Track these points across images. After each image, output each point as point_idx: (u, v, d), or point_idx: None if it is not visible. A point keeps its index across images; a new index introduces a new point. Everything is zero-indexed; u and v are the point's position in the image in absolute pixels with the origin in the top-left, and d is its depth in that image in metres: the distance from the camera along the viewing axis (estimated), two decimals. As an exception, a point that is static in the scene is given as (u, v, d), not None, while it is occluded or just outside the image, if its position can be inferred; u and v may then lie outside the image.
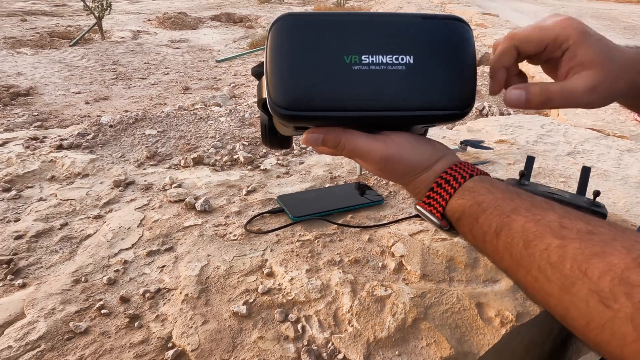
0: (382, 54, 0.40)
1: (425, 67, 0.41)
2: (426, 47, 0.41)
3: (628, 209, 1.03)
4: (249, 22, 7.80)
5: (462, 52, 0.42)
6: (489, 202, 0.38)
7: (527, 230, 0.34)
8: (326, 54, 0.39)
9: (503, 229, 0.36)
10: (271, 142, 0.57)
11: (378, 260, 0.80)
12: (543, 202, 0.37)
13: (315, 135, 0.42)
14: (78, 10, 7.14)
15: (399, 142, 0.43)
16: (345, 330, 0.65)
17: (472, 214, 0.39)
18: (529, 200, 0.37)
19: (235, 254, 0.80)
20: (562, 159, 1.28)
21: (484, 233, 0.37)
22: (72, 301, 0.68)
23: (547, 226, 0.33)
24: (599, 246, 0.30)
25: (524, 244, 0.34)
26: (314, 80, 0.39)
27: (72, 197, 0.95)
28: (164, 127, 1.26)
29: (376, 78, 0.40)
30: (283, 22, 0.39)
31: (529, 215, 0.35)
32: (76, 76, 4.60)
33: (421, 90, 0.41)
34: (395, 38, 0.40)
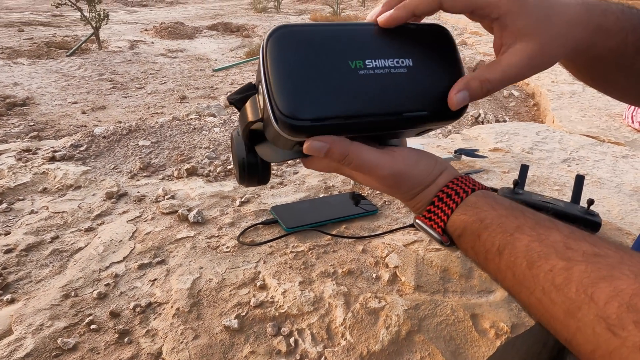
0: (384, 58, 0.41)
1: (424, 69, 0.42)
2: (421, 50, 0.43)
3: (622, 217, 1.02)
4: (246, 31, 7.84)
5: (450, 53, 0.44)
6: (491, 218, 0.37)
7: (531, 250, 0.33)
8: (331, 61, 0.39)
9: (506, 247, 0.35)
10: (250, 178, 0.54)
11: (372, 272, 0.79)
12: (547, 221, 0.36)
13: (320, 144, 0.38)
14: (75, 21, 7.17)
15: (405, 158, 0.42)
16: (339, 343, 0.65)
17: (474, 231, 0.38)
18: (533, 219, 0.36)
19: (228, 266, 0.79)
20: (556, 166, 1.28)
21: (486, 251, 0.37)
22: (61, 317, 0.67)
23: (552, 247, 0.33)
24: (605, 270, 0.29)
25: (527, 264, 0.33)
26: (323, 87, 0.38)
27: (63, 210, 0.94)
28: (157, 137, 1.25)
29: (382, 81, 0.40)
30: (280, 33, 0.39)
31: (534, 234, 0.34)
32: (73, 86, 4.61)
33: (423, 91, 0.42)
34: (393, 43, 0.42)
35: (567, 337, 0.30)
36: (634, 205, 1.08)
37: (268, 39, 0.39)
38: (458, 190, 0.41)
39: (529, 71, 0.40)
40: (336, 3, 9.63)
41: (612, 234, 0.94)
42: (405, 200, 0.45)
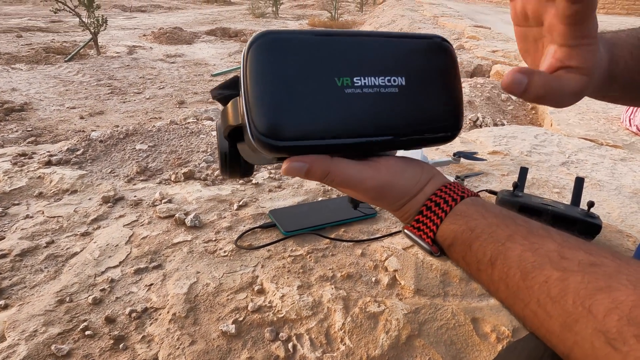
0: (374, 76, 0.38)
1: (416, 88, 0.39)
2: (415, 67, 0.39)
3: (623, 219, 1.02)
4: (244, 36, 7.86)
5: (449, 71, 0.41)
6: (482, 227, 0.36)
7: (524, 260, 0.32)
8: (317, 76, 0.36)
9: (498, 257, 0.34)
10: (232, 172, 0.51)
11: (371, 275, 0.79)
12: (540, 229, 0.35)
13: (298, 165, 0.37)
14: (74, 26, 7.18)
15: (389, 168, 0.40)
16: (338, 349, 0.64)
17: (464, 241, 0.37)
18: (525, 227, 0.35)
19: (225, 270, 0.78)
20: (555, 169, 1.28)
21: (478, 261, 0.35)
22: (55, 322, 0.66)
23: (546, 256, 0.31)
24: (603, 280, 0.28)
25: (521, 275, 0.32)
26: (306, 105, 0.35)
27: (59, 214, 0.93)
28: (155, 141, 1.24)
29: (370, 101, 0.37)
30: (264, 40, 0.35)
31: (526, 243, 0.33)
32: (71, 91, 4.60)
33: (415, 112, 0.39)
34: (385, 59, 0.38)
35: (565, 351, 0.29)
36: (634, 208, 1.08)
37: (250, 46, 0.35)
38: (447, 199, 0.39)
39: (571, 100, 0.40)
40: (334, 8, 9.68)
41: (613, 236, 0.93)
42: (392, 211, 0.43)
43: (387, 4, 10.36)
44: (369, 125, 0.38)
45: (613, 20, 10.88)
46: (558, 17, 0.36)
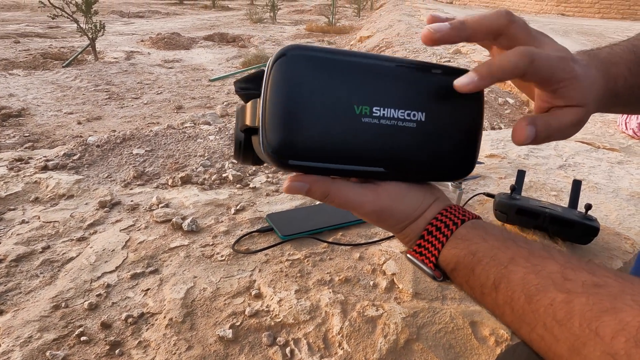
0: (395, 108, 0.37)
1: (435, 126, 0.38)
2: (439, 104, 0.38)
3: (620, 222, 1.02)
4: (242, 41, 7.88)
5: (472, 116, 0.40)
6: (484, 251, 0.36)
7: (527, 282, 0.32)
8: (336, 100, 0.35)
9: (502, 281, 0.34)
10: (245, 160, 0.53)
11: (369, 279, 0.78)
12: (542, 250, 0.35)
13: (299, 184, 0.38)
14: (72, 32, 7.19)
15: (389, 193, 0.40)
16: (336, 353, 0.63)
17: (467, 265, 0.37)
18: (526, 249, 0.35)
19: (223, 275, 0.78)
20: (553, 172, 1.28)
21: (482, 285, 0.35)
22: (50, 328, 0.65)
23: (549, 278, 0.31)
24: (608, 301, 0.28)
25: (525, 298, 0.32)
26: (320, 129, 0.35)
27: (55, 219, 0.93)
28: (152, 146, 1.24)
29: (384, 133, 0.37)
30: (290, 57, 0.34)
31: (528, 265, 0.33)
32: (69, 97, 4.60)
33: (428, 150, 0.39)
34: (410, 91, 0.37)
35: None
36: (632, 210, 1.08)
37: (276, 60, 0.35)
38: (447, 223, 0.39)
39: (572, 131, 0.41)
40: (332, 14, 9.72)
41: (611, 239, 0.93)
42: (394, 233, 0.44)
43: (384, 9, 10.42)
44: (379, 155, 0.37)
45: (609, 24, 10.98)
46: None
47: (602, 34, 9.95)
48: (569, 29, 10.24)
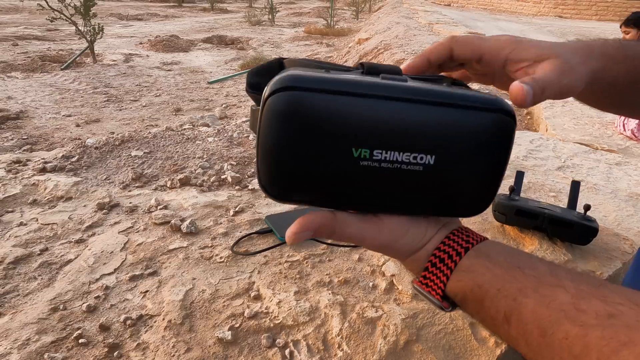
0: (398, 151, 0.32)
1: (446, 171, 0.33)
2: (454, 145, 0.33)
3: (619, 223, 1.02)
4: (241, 44, 7.89)
5: (496, 154, 0.34)
6: (490, 282, 0.35)
7: (539, 316, 0.31)
8: (332, 142, 0.32)
9: (512, 314, 0.33)
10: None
11: (368, 280, 0.78)
12: (550, 277, 0.33)
13: (305, 234, 0.36)
14: (70, 35, 7.19)
15: (391, 229, 0.39)
16: (335, 354, 0.63)
17: (474, 298, 0.36)
18: (534, 277, 0.34)
19: (222, 276, 0.78)
20: (551, 173, 1.28)
21: (493, 318, 0.35)
22: (48, 331, 0.65)
23: (561, 310, 0.30)
24: (623, 333, 0.27)
25: (539, 331, 0.31)
26: (313, 171, 0.33)
27: (53, 221, 0.93)
28: (150, 148, 1.24)
29: (385, 177, 0.33)
30: (283, 96, 0.31)
31: (538, 297, 0.32)
32: (67, 99, 4.60)
33: (435, 195, 0.35)
34: (419, 131, 0.32)
35: None
36: (630, 211, 1.08)
37: (270, 94, 0.32)
38: (450, 253, 0.38)
39: (562, 78, 0.39)
40: (330, 16, 9.75)
41: (609, 239, 0.93)
42: (399, 261, 0.43)
43: (383, 12, 10.44)
44: (375, 199, 0.35)
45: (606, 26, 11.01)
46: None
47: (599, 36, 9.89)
48: (567, 31, 10.26)
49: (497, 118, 0.33)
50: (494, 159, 0.34)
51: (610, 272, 0.83)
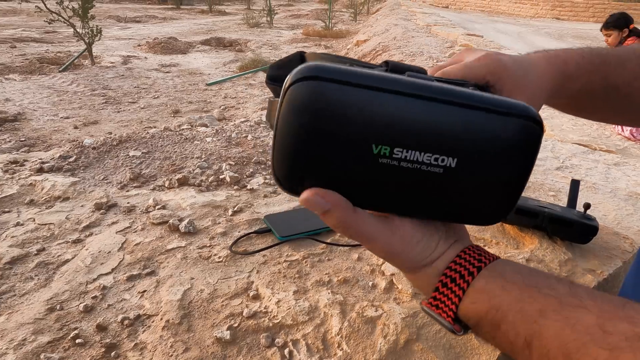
0: (420, 150, 0.31)
1: (467, 175, 0.32)
2: (477, 149, 0.32)
3: (619, 222, 1.02)
4: (239, 45, 7.90)
5: (520, 161, 0.33)
6: (508, 304, 0.33)
7: (563, 339, 0.30)
8: (353, 137, 0.31)
9: (534, 338, 0.31)
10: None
11: (368, 280, 0.78)
12: (571, 298, 0.32)
13: (321, 202, 0.34)
14: (68, 37, 7.19)
15: (404, 236, 0.37)
16: (335, 354, 0.62)
17: (490, 321, 0.34)
18: (554, 297, 0.32)
19: (220, 276, 0.77)
20: (550, 173, 1.28)
21: (511, 343, 0.33)
22: (44, 331, 0.64)
23: (587, 333, 0.29)
24: None
25: (564, 357, 0.29)
26: (331, 168, 0.32)
27: (50, 221, 0.92)
28: (148, 148, 1.24)
29: (404, 177, 0.32)
30: (304, 85, 0.30)
31: (560, 319, 0.30)
32: (65, 101, 4.59)
33: (454, 202, 0.34)
34: (443, 131, 0.31)
35: None
36: (630, 210, 1.08)
37: (292, 82, 0.30)
38: (462, 272, 0.36)
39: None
40: (328, 18, 9.76)
41: (609, 238, 0.93)
42: (408, 278, 0.41)
43: (381, 14, 10.46)
44: (391, 200, 0.34)
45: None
46: None
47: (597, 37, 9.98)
48: (564, 32, 10.29)
49: (524, 124, 0.32)
50: (518, 166, 0.33)
51: (610, 271, 0.83)
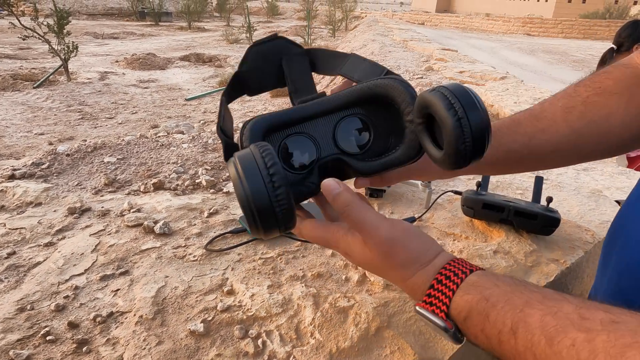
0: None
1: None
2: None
3: (582, 216, 1.06)
4: (218, 61, 7.93)
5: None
6: (497, 296, 0.36)
7: (546, 324, 0.32)
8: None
9: (519, 325, 0.33)
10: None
11: (341, 274, 0.79)
12: (554, 293, 0.35)
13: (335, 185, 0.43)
14: (43, 53, 7.09)
15: (404, 229, 0.41)
16: (308, 342, 0.63)
17: (481, 311, 0.36)
18: (539, 292, 0.35)
19: (195, 274, 0.78)
20: (519, 173, 1.33)
21: (499, 332, 0.35)
22: (14, 329, 0.63)
23: (567, 318, 0.31)
24: (629, 336, 0.28)
25: (546, 341, 0.31)
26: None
27: (22, 226, 0.91)
28: (124, 154, 1.23)
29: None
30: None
31: (544, 308, 0.33)
32: (40, 117, 4.51)
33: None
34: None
35: None
36: (592, 205, 1.13)
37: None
38: (456, 272, 0.39)
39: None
40: (307, 34, 9.91)
41: (572, 231, 0.97)
42: (400, 281, 0.43)
43: (359, 30, 10.67)
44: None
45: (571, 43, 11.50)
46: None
47: (566, 52, 10.38)
48: (535, 47, 10.67)
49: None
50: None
51: (572, 260, 0.86)
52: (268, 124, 0.46)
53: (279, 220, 0.38)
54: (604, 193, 1.24)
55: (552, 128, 0.55)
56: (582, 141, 0.54)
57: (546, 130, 0.55)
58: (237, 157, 0.39)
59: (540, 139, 0.55)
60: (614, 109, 0.53)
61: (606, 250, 0.51)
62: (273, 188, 0.37)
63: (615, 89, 0.53)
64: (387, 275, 0.44)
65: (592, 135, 0.54)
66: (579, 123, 0.54)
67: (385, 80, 0.46)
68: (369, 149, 0.49)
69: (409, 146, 0.46)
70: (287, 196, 0.37)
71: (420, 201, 1.07)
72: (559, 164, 0.59)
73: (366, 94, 0.47)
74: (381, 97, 0.46)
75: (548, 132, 0.55)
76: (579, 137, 0.54)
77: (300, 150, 0.47)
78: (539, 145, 0.55)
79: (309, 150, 0.48)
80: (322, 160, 0.48)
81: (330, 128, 0.48)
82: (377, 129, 0.49)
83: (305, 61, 0.54)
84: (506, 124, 0.57)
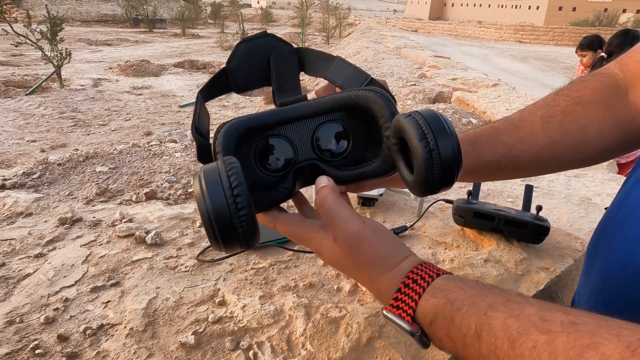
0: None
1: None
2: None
3: (571, 224, 1.07)
4: (213, 68, 7.94)
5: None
6: (462, 299, 0.37)
7: (509, 327, 0.33)
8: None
9: (483, 328, 0.34)
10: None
11: (333, 284, 0.79)
12: (517, 296, 0.36)
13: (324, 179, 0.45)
14: (36, 60, 7.06)
15: (375, 228, 0.42)
16: (299, 354, 0.63)
17: (446, 314, 0.37)
18: (503, 295, 0.36)
19: (186, 285, 0.77)
20: (510, 181, 1.34)
21: (464, 335, 0.35)
22: (2, 343, 0.63)
23: (529, 320, 0.32)
24: (587, 337, 0.29)
25: (509, 343, 0.32)
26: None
27: (11, 237, 0.90)
28: (116, 163, 1.23)
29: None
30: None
31: (507, 310, 0.34)
32: (32, 124, 4.48)
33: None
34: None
35: None
36: (582, 213, 1.14)
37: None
38: (423, 275, 0.40)
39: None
40: (301, 41, 9.96)
41: (562, 238, 0.98)
42: (367, 283, 0.43)
43: (353, 37, 10.74)
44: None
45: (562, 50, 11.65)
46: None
47: (557, 60, 10.50)
48: (527, 55, 10.79)
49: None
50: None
51: (562, 269, 0.87)
52: (246, 126, 0.46)
53: (241, 239, 0.38)
54: (595, 200, 1.26)
55: (531, 138, 0.56)
56: (561, 151, 0.55)
57: (525, 140, 0.56)
58: (203, 173, 0.39)
59: (519, 149, 0.56)
60: (591, 119, 0.54)
61: (589, 257, 0.52)
62: (236, 209, 0.37)
63: (593, 99, 0.54)
64: (355, 275, 0.44)
65: (571, 145, 0.55)
66: (557, 133, 0.55)
67: (367, 92, 0.46)
68: (346, 156, 0.49)
69: (384, 160, 0.46)
70: (250, 216, 0.37)
71: (412, 210, 1.07)
72: (538, 172, 0.60)
73: (347, 103, 0.47)
74: (362, 108, 0.47)
75: (527, 142, 0.56)
76: (557, 147, 0.55)
77: (277, 152, 0.48)
78: (518, 155, 0.56)
79: (285, 153, 0.48)
80: (298, 165, 0.48)
81: (309, 133, 0.48)
82: (356, 137, 0.49)
83: (294, 60, 0.53)
84: (486, 133, 0.58)
